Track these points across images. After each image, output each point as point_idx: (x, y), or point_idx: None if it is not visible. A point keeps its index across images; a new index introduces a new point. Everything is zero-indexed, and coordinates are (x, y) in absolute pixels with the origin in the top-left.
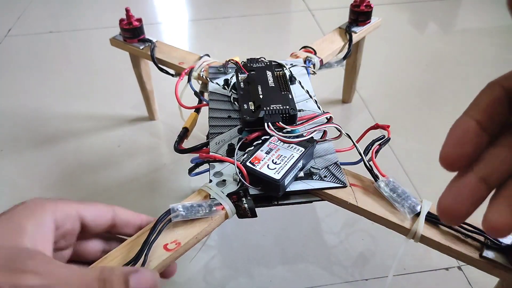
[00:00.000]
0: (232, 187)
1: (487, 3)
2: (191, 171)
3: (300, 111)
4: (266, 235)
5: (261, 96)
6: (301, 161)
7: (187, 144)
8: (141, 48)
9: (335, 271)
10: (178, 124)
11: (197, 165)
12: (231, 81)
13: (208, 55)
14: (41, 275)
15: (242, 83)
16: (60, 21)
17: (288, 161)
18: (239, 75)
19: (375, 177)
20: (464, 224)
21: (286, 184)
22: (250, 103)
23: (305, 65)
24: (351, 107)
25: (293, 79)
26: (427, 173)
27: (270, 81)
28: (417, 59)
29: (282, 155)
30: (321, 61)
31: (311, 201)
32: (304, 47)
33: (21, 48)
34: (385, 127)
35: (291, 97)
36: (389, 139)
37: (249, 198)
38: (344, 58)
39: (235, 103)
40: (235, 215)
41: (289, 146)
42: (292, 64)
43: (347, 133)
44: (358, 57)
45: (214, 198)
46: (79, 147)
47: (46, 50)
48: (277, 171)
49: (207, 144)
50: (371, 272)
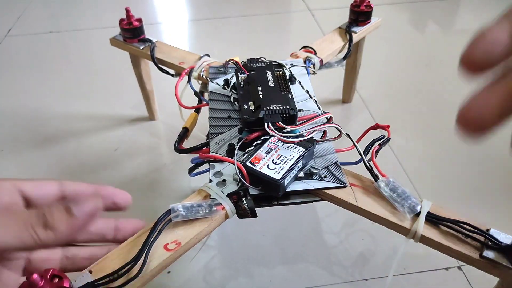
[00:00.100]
0: (232, 187)
1: (487, 3)
2: (191, 171)
3: (300, 111)
4: (266, 235)
5: (261, 96)
6: (301, 161)
7: (187, 144)
8: (141, 48)
9: (335, 271)
10: (178, 124)
11: (197, 165)
12: (231, 81)
13: (208, 55)
14: None
15: (242, 83)
16: (60, 21)
17: (288, 161)
18: (239, 75)
19: (375, 177)
20: (464, 224)
21: (286, 184)
22: (250, 103)
23: (305, 65)
24: (351, 107)
25: (293, 79)
26: (427, 173)
27: (270, 81)
28: (417, 59)
29: (282, 155)
30: (321, 61)
31: (311, 201)
32: (304, 47)
33: (21, 48)
34: (385, 127)
35: (291, 97)
36: (389, 139)
37: (249, 198)
38: (344, 58)
39: (235, 103)
40: (235, 215)
41: (289, 146)
42: (292, 64)
43: (347, 133)
44: (358, 57)
45: (214, 198)
46: (79, 147)
47: (46, 50)
48: (277, 171)
49: (207, 144)
50: (371, 272)
